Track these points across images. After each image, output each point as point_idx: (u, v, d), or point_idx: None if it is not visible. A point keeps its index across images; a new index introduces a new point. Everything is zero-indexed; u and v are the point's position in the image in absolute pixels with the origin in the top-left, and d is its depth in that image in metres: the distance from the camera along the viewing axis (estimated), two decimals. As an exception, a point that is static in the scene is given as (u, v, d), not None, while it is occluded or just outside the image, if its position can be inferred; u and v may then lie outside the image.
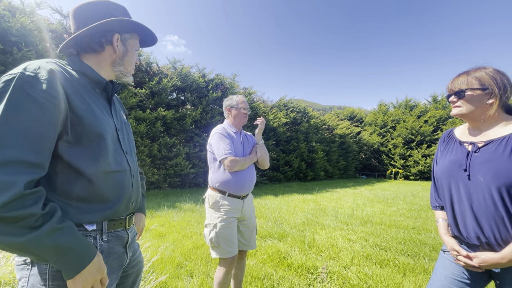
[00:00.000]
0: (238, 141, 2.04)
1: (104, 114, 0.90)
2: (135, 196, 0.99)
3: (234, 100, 2.11)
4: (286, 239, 3.83)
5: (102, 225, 0.86)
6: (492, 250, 1.00)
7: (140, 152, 8.13)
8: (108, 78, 0.98)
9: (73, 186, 0.79)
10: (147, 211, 5.43)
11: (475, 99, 1.08)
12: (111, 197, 0.87)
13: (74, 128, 0.78)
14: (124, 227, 0.95)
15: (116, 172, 0.89)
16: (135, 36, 1.00)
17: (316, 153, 14.35)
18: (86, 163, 0.80)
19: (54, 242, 0.67)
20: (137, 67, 9.28)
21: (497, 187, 0.97)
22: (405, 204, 7.10)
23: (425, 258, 3.18)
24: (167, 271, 2.57)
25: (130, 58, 0.99)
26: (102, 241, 0.86)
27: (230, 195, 1.90)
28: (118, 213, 0.90)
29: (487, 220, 0.99)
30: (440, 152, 1.27)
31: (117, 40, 0.93)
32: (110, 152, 0.87)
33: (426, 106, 18.82)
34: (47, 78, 0.72)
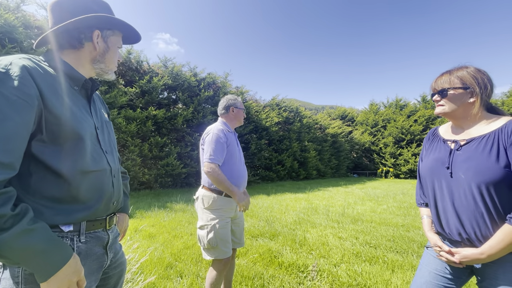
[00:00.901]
0: (234, 141, 2.05)
1: (83, 112, 0.87)
2: (116, 196, 0.96)
3: (238, 101, 2.15)
4: (278, 238, 3.84)
5: (80, 226, 0.83)
6: (473, 246, 1.02)
7: (130, 152, 8.00)
8: (88, 75, 0.95)
9: (48, 186, 0.76)
10: (137, 211, 5.36)
11: (457, 98, 1.10)
12: (90, 197, 0.84)
13: (49, 127, 0.75)
14: (104, 227, 0.92)
15: (94, 172, 0.86)
16: (117, 33, 0.97)
17: (308, 152, 14.44)
18: (62, 163, 0.77)
19: (24, 245, 0.64)
20: (127, 66, 9.14)
21: (477, 184, 0.99)
22: (395, 202, 7.21)
23: (413, 254, 3.23)
24: (156, 272, 2.54)
25: (112, 55, 0.96)
26: (80, 242, 0.83)
27: (226, 195, 1.88)
28: (97, 214, 0.88)
29: (467, 217, 1.01)
30: (425, 150, 1.28)
31: (97, 37, 0.90)
32: (88, 151, 0.84)
33: (416, 106, 19.19)
34: (19, 75, 0.69)
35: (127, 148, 8.13)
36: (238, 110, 2.12)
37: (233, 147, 1.99)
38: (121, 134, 7.95)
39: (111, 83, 8.19)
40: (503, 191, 0.96)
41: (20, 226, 0.64)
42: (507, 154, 0.96)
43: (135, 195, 7.49)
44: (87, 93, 0.94)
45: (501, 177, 0.95)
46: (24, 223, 0.65)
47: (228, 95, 2.18)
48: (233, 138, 2.05)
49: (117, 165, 1.02)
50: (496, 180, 0.96)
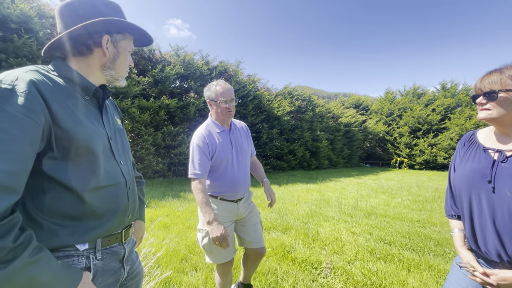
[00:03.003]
0: (226, 141, 1.77)
1: (94, 124, 0.84)
2: (131, 208, 0.94)
3: (212, 91, 1.73)
4: (290, 231, 3.84)
5: (95, 243, 0.82)
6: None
7: (144, 141, 8.14)
8: (99, 83, 0.91)
9: (62, 204, 0.74)
10: (152, 201, 5.49)
11: (508, 102, 0.97)
12: (104, 213, 0.82)
13: (59, 143, 0.72)
14: (120, 241, 0.91)
15: (109, 187, 0.84)
16: (128, 36, 0.91)
17: (320, 142, 14.25)
18: (75, 179, 0.75)
19: (27, 277, 0.60)
20: (140, 55, 9.13)
21: None
22: (409, 195, 7.05)
23: (430, 253, 3.16)
24: (172, 266, 2.60)
25: (123, 61, 0.91)
26: (96, 260, 0.82)
27: (222, 199, 1.76)
28: (112, 229, 0.86)
29: (510, 238, 0.93)
30: (460, 157, 1.17)
31: (106, 42, 0.85)
32: (101, 165, 0.81)
33: (435, 94, 18.40)
34: (26, 91, 0.65)
35: (141, 137, 8.26)
36: (215, 103, 1.73)
37: (223, 151, 1.74)
38: (135, 124, 8.06)
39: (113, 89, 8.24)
40: None
41: (21, 260, 0.59)
42: None
43: (149, 183, 7.67)
44: (98, 101, 0.90)
45: None
46: (26, 255, 0.61)
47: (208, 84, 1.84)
48: (225, 139, 1.77)
49: (132, 175, 0.99)
50: None
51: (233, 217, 1.81)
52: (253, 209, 1.94)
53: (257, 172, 2.09)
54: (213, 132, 1.77)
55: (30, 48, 5.94)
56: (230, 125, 1.85)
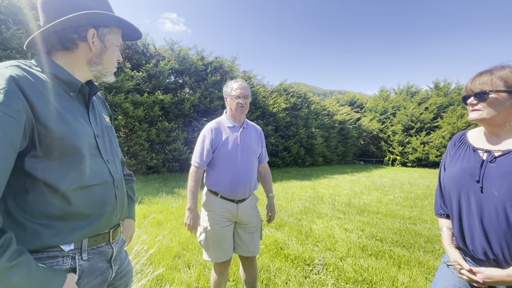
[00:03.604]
0: (234, 138, 1.77)
1: (80, 121, 0.81)
2: (119, 208, 0.92)
3: (229, 87, 1.80)
4: (283, 228, 3.87)
5: (81, 244, 0.80)
6: (498, 267, 0.97)
7: (138, 137, 8.06)
8: (85, 79, 0.88)
9: (46, 204, 0.72)
10: (146, 197, 5.45)
11: (499, 102, 0.97)
12: (91, 213, 0.80)
13: (43, 141, 0.70)
14: (108, 241, 0.89)
15: (95, 186, 0.82)
16: (115, 30, 0.87)
17: (315, 139, 14.31)
18: (59, 179, 0.73)
19: (6, 283, 0.59)
20: (133, 49, 8.99)
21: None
22: (401, 192, 7.16)
23: (420, 250, 3.22)
24: (165, 263, 2.59)
25: (110, 56, 0.88)
26: (82, 260, 0.80)
27: (222, 197, 1.75)
28: (99, 229, 0.84)
29: (497, 237, 0.94)
30: (450, 157, 1.18)
31: (92, 36, 0.81)
32: (87, 164, 0.79)
33: (428, 93, 18.61)
34: (5, 88, 0.63)
35: (134, 133, 8.18)
36: (230, 98, 1.79)
37: (228, 146, 1.74)
38: (129, 119, 7.97)
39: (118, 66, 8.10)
40: None
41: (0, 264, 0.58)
42: None
43: (143, 180, 7.61)
44: (84, 98, 0.87)
45: None
46: (5, 259, 0.59)
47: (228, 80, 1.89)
48: (233, 134, 1.78)
49: (120, 173, 0.97)
50: None
51: (232, 218, 1.78)
52: (255, 217, 1.88)
53: (265, 183, 2.08)
54: (222, 126, 1.80)
55: (19, 40, 5.79)
56: (242, 123, 1.86)
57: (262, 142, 1.99)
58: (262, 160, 2.03)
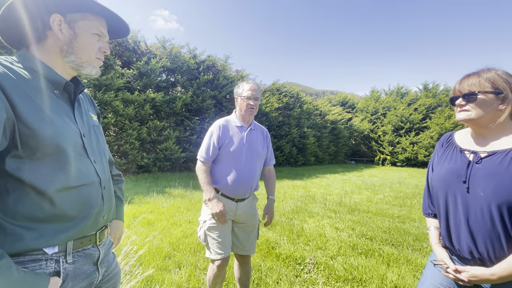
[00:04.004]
0: (240, 137, 1.80)
1: (64, 120, 0.78)
2: (106, 209, 0.90)
3: (240, 88, 1.83)
4: (275, 227, 3.87)
5: (66, 246, 0.77)
6: (483, 266, 0.99)
7: (128, 136, 7.92)
8: (68, 74, 0.84)
9: (28, 205, 0.69)
10: (136, 196, 5.37)
11: (486, 103, 0.99)
12: (76, 214, 0.78)
13: (25, 141, 0.67)
14: (95, 243, 0.87)
15: (81, 187, 0.79)
16: (89, 16, 0.81)
17: (307, 138, 14.41)
18: (42, 180, 0.70)
19: None
20: (124, 46, 8.83)
21: (498, 204, 0.92)
22: (391, 191, 7.28)
23: (408, 248, 3.28)
24: (155, 264, 2.56)
25: (84, 43, 0.81)
26: (67, 263, 0.77)
27: (223, 195, 1.78)
28: (85, 231, 0.82)
29: (482, 236, 0.97)
30: (438, 157, 1.21)
31: (58, 22, 0.76)
32: (72, 164, 0.77)
33: (417, 94, 18.99)
34: None
35: (125, 132, 8.04)
36: (241, 98, 1.81)
37: (235, 144, 1.77)
38: (119, 117, 7.82)
39: (107, 63, 7.95)
40: None
41: None
42: None
43: (133, 179, 7.50)
44: (70, 96, 0.84)
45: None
46: None
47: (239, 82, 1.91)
48: (240, 134, 1.81)
49: (108, 174, 0.94)
50: None
51: (231, 215, 1.80)
52: (253, 217, 1.90)
53: (268, 185, 2.09)
54: (230, 125, 1.83)
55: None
56: (250, 124, 1.89)
57: (268, 144, 2.02)
58: (268, 162, 2.05)
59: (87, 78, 7.22)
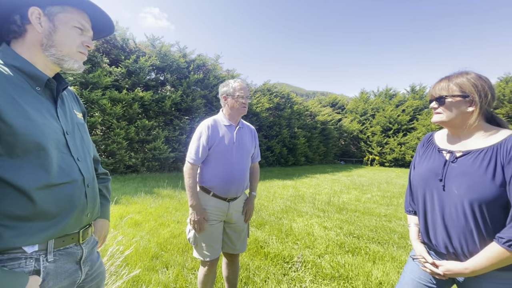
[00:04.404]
0: (230, 136, 1.78)
1: (46, 117, 0.77)
2: (90, 207, 0.89)
3: (230, 87, 1.79)
4: (264, 227, 3.89)
5: (47, 245, 0.76)
6: (458, 260, 1.03)
7: (116, 135, 7.77)
8: (50, 70, 0.83)
9: (7, 203, 0.68)
10: (123, 197, 5.28)
11: (455, 106, 1.04)
12: (58, 212, 0.76)
13: (3, 138, 0.66)
14: (77, 241, 0.86)
15: (63, 185, 0.78)
16: (69, 9, 0.81)
17: (297, 139, 14.52)
18: (22, 177, 0.69)
19: None
20: (112, 43, 8.66)
21: (470, 201, 0.97)
22: (379, 191, 7.43)
23: (393, 245, 3.36)
24: (142, 264, 2.52)
25: (64, 36, 0.80)
26: (47, 262, 0.76)
27: (214, 195, 1.75)
28: (67, 229, 0.81)
29: (456, 232, 1.01)
30: (419, 156, 1.25)
31: (37, 15, 0.76)
32: (54, 162, 0.75)
33: (405, 96, 19.43)
34: None
35: (112, 131, 7.89)
36: (232, 97, 1.78)
37: (225, 144, 1.75)
38: (106, 116, 7.67)
39: (94, 61, 7.78)
40: (495, 210, 0.95)
41: None
42: (504, 172, 0.93)
43: (121, 179, 7.36)
44: (52, 93, 0.83)
45: (495, 196, 0.93)
46: None
47: (226, 80, 1.89)
48: (229, 133, 1.79)
49: (92, 172, 0.93)
50: (490, 199, 0.93)
51: (222, 216, 1.78)
52: (243, 217, 1.90)
53: (252, 181, 2.08)
54: (218, 125, 1.80)
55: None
56: (238, 123, 1.88)
57: (256, 142, 2.03)
58: (255, 159, 2.05)
59: (72, 75, 7.04)
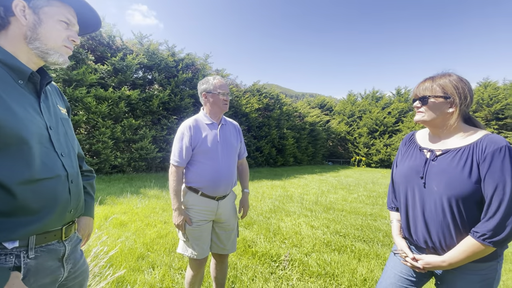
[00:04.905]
0: (214, 135, 1.75)
1: (28, 111, 0.75)
2: (74, 204, 0.87)
3: (210, 84, 1.76)
4: (253, 226, 3.90)
5: (28, 241, 0.74)
6: (436, 254, 1.08)
7: (101, 134, 7.57)
8: (33, 63, 0.82)
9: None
10: (108, 197, 5.15)
11: (437, 106, 1.08)
12: (40, 208, 0.75)
13: None
14: (60, 238, 0.84)
15: (45, 180, 0.76)
16: (55, 3, 0.80)
17: (286, 139, 14.62)
18: (3, 172, 0.67)
19: None
20: (98, 40, 8.44)
21: (448, 198, 1.02)
22: (365, 191, 7.60)
23: (378, 243, 3.45)
24: (127, 265, 2.47)
25: (49, 29, 0.79)
26: (28, 259, 0.74)
27: (203, 195, 1.72)
28: (50, 225, 0.79)
29: (435, 227, 1.06)
30: (401, 155, 1.29)
31: (22, 8, 0.75)
32: (36, 156, 0.74)
33: (391, 98, 19.97)
34: None
35: (97, 130, 7.68)
36: (213, 95, 1.75)
37: (208, 143, 1.72)
38: (91, 115, 7.46)
39: (79, 58, 7.56)
40: (471, 205, 1.00)
41: None
42: (479, 170, 0.98)
43: (106, 179, 7.18)
44: (36, 87, 0.82)
45: (471, 192, 0.98)
46: None
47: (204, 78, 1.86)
48: (212, 132, 1.76)
49: (76, 168, 0.91)
50: (466, 195, 0.98)
51: (211, 216, 1.76)
52: (233, 215, 1.90)
53: (242, 178, 2.08)
54: (200, 124, 1.77)
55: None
56: (220, 120, 1.84)
57: (241, 138, 2.01)
58: (241, 156, 2.05)
59: (55, 71, 6.82)
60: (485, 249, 0.95)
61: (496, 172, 0.94)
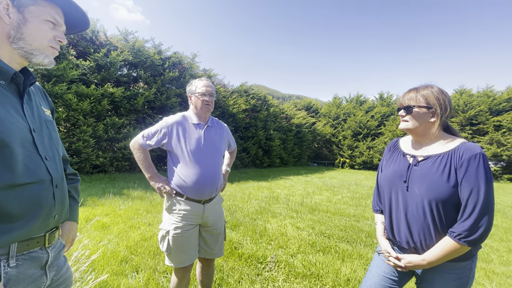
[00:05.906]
0: (198, 136, 1.72)
1: (11, 113, 0.73)
2: (58, 209, 0.84)
3: (194, 85, 1.76)
4: (239, 228, 3.90)
5: (9, 249, 0.71)
6: (417, 254, 1.15)
7: (82, 132, 7.30)
8: (18, 64, 0.79)
9: None
10: (89, 198, 4.97)
11: (420, 116, 1.15)
12: (22, 214, 0.72)
13: None
14: (43, 245, 0.81)
15: (29, 185, 0.74)
16: (41, 3, 0.78)
17: (273, 141, 14.72)
18: None
19: None
20: (80, 35, 8.13)
21: (428, 200, 1.09)
22: (349, 192, 7.79)
23: (361, 244, 3.55)
24: (110, 269, 2.40)
25: (34, 29, 0.77)
26: (9, 267, 0.71)
27: (188, 198, 1.68)
28: (32, 232, 0.76)
29: (416, 228, 1.13)
30: (386, 160, 1.37)
31: (5, 6, 0.73)
32: (19, 160, 0.71)
33: (374, 103, 20.61)
34: None
35: (78, 128, 7.40)
36: (195, 96, 1.75)
37: (193, 144, 1.68)
38: (71, 112, 7.18)
39: (60, 52, 7.24)
40: (449, 207, 1.07)
41: None
42: (457, 175, 1.06)
43: (87, 180, 6.92)
44: (19, 88, 0.78)
45: (449, 195, 1.06)
46: None
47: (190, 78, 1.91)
48: (197, 133, 1.72)
49: (61, 172, 0.89)
50: (445, 197, 1.06)
51: (197, 220, 1.72)
52: (220, 218, 1.86)
53: (228, 159, 2.12)
54: (187, 122, 1.75)
55: None
56: (207, 121, 1.82)
57: (229, 137, 2.02)
58: (231, 148, 2.09)
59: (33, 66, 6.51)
60: (461, 248, 1.02)
61: (471, 177, 1.01)
